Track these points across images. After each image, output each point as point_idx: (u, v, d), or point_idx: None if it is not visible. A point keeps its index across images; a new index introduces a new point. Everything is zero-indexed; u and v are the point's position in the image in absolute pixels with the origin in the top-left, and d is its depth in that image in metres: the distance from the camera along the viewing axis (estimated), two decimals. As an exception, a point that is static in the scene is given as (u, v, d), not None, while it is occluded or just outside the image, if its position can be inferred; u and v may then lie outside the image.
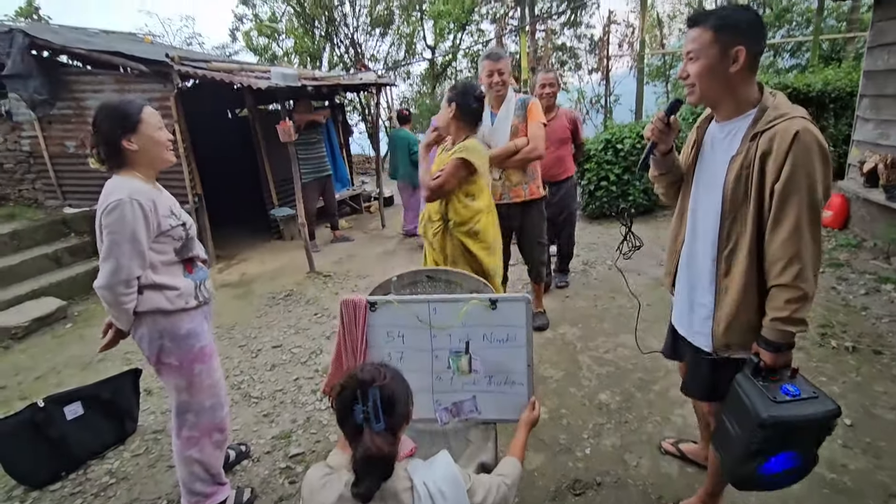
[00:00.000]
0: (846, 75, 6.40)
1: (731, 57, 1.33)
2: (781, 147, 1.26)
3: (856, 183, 4.57)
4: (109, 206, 1.63)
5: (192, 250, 1.87)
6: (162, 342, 1.79)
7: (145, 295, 1.73)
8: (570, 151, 3.85)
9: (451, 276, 1.95)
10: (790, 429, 1.27)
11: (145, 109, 1.75)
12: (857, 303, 3.41)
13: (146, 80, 5.12)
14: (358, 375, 1.13)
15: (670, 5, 17.49)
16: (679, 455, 2.20)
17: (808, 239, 1.28)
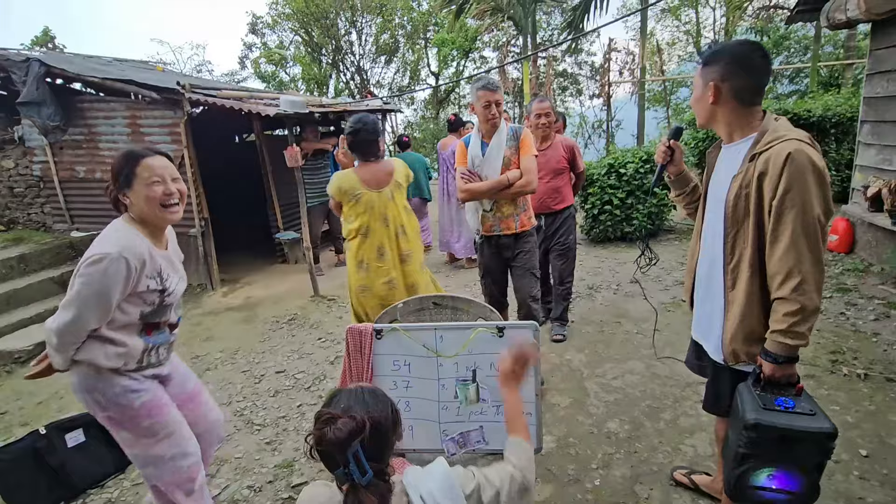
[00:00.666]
0: (846, 101, 6.48)
1: (708, 90, 1.49)
2: (776, 167, 1.34)
3: (860, 207, 4.58)
4: (94, 258, 1.51)
5: (161, 317, 1.72)
6: (94, 395, 1.63)
7: (85, 343, 1.59)
8: (567, 181, 3.62)
9: (458, 303, 1.95)
10: (778, 438, 1.29)
11: (143, 162, 1.61)
12: (867, 328, 3.37)
13: (157, 107, 5.24)
14: (329, 436, 0.97)
15: (669, 33, 17.91)
16: (692, 487, 2.15)
17: (806, 253, 1.33)
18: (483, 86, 2.75)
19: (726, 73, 1.46)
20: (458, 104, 17.92)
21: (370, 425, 0.98)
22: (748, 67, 1.45)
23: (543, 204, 3.49)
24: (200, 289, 5.57)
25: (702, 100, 1.53)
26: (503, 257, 2.98)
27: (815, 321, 1.38)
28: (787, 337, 1.36)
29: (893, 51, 4.21)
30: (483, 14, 13.05)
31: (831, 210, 1.37)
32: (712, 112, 1.53)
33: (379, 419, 1.02)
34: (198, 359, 3.85)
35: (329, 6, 13.11)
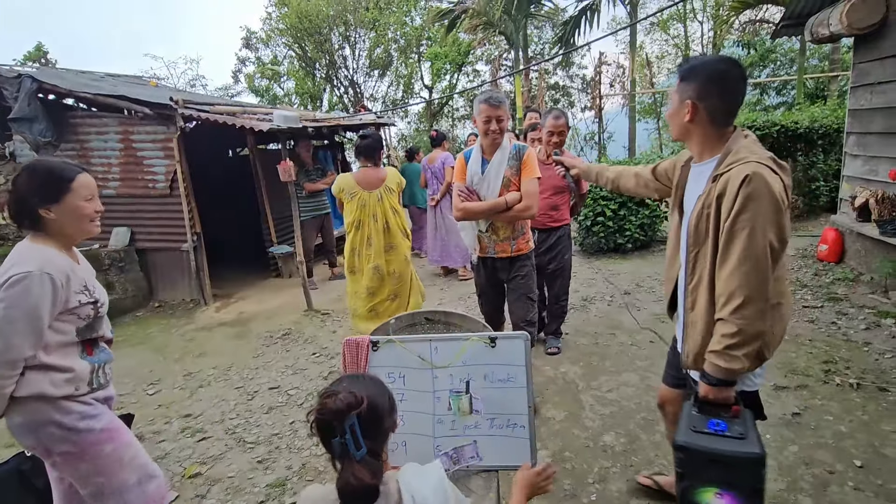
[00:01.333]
0: (832, 112, 6.61)
1: (685, 107, 1.46)
2: (733, 188, 1.34)
3: (849, 217, 4.64)
4: (14, 279, 1.42)
5: (97, 330, 1.65)
6: (48, 431, 1.52)
7: (27, 377, 1.47)
8: (566, 200, 3.50)
9: (451, 318, 1.94)
10: (708, 460, 1.31)
11: (78, 178, 1.57)
12: (858, 338, 3.39)
13: (150, 123, 5.25)
14: (330, 406, 1.04)
15: (658, 46, 18.23)
16: (657, 488, 2.17)
17: (751, 277, 1.32)
18: (485, 99, 2.59)
19: (703, 92, 1.43)
20: (451, 117, 18.08)
21: (367, 403, 1.05)
22: (725, 88, 1.43)
23: (539, 220, 3.36)
24: (193, 304, 5.53)
25: (677, 115, 1.51)
26: (498, 278, 2.90)
27: (754, 347, 1.35)
28: (722, 359, 1.36)
29: (876, 64, 4.30)
30: (475, 29, 13.23)
31: (786, 238, 1.35)
32: (687, 129, 1.51)
33: (376, 400, 1.09)
34: (190, 375, 3.80)
35: (322, 22, 13.24)
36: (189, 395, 3.49)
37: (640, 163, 6.09)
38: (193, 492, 2.47)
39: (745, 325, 1.32)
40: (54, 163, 1.61)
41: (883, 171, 4.26)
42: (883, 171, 4.26)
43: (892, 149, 4.18)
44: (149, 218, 5.49)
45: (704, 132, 1.48)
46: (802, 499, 2.10)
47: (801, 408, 2.71)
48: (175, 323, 5.06)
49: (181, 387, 3.62)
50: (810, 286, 4.34)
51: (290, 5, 13.18)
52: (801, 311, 3.90)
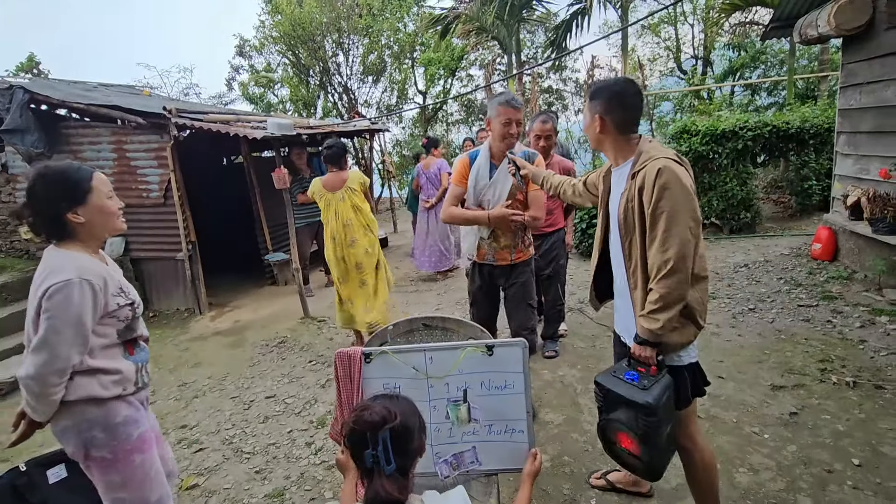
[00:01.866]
0: (822, 112, 6.66)
1: (595, 121, 1.74)
2: (649, 181, 1.57)
3: (841, 216, 4.67)
4: (54, 288, 1.42)
5: (135, 331, 1.68)
6: (92, 434, 1.54)
7: (76, 381, 1.50)
8: (560, 204, 3.44)
9: (448, 324, 1.94)
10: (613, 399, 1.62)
11: (95, 176, 1.57)
12: (853, 336, 3.41)
13: (143, 132, 5.23)
14: (366, 418, 1.10)
15: (650, 49, 18.35)
16: (610, 487, 2.26)
17: (672, 251, 1.53)
18: (506, 101, 2.51)
19: (608, 107, 1.70)
20: (445, 122, 18.11)
21: (400, 419, 1.10)
22: (624, 103, 1.70)
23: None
24: (188, 313, 5.50)
25: (590, 128, 1.78)
26: (495, 284, 2.82)
27: (674, 311, 1.56)
28: (646, 321, 1.59)
29: (864, 64, 4.35)
30: (468, 34, 13.29)
31: (698, 218, 1.59)
32: (600, 139, 1.77)
33: (408, 418, 1.14)
34: (185, 386, 3.78)
35: (316, 29, 13.25)
36: (184, 406, 3.46)
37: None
38: (191, 503, 2.45)
39: (666, 292, 1.54)
40: (66, 165, 1.57)
41: (874, 169, 4.30)
42: (874, 170, 4.29)
43: (883, 147, 4.22)
44: (143, 227, 5.46)
45: (615, 140, 1.74)
46: (802, 499, 2.10)
47: (798, 407, 2.71)
48: (170, 333, 5.03)
49: (176, 397, 3.59)
50: (805, 285, 4.36)
51: (284, 13, 13.19)
52: (796, 309, 3.92)
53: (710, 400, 2.84)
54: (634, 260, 1.69)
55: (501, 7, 11.05)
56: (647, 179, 1.58)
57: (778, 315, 3.87)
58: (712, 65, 16.14)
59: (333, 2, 13.47)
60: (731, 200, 6.21)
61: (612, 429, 1.64)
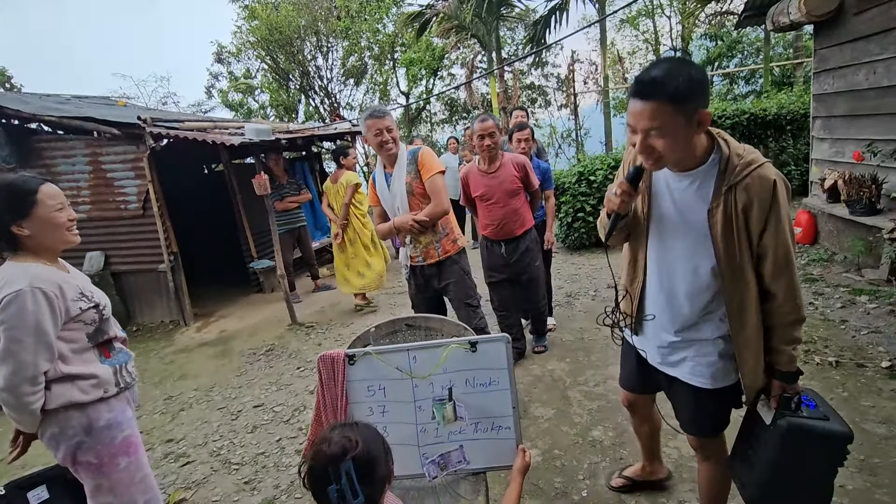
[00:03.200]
0: (798, 98, 6.78)
1: (695, 122, 1.27)
2: (764, 197, 1.30)
3: (819, 199, 4.74)
4: (7, 299, 1.42)
5: (106, 333, 1.68)
6: (77, 439, 1.57)
7: (54, 390, 1.52)
8: (524, 202, 3.29)
9: (431, 323, 1.92)
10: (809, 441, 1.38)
11: (42, 189, 1.54)
12: (835, 316, 3.46)
13: (119, 143, 5.14)
14: (325, 451, 1.04)
15: (629, 42, 18.51)
16: (630, 483, 2.19)
17: (794, 271, 1.36)
18: (368, 116, 2.60)
19: (705, 96, 1.27)
20: (430, 121, 18.09)
21: (362, 447, 1.04)
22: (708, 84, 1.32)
23: (504, 230, 3.21)
24: (173, 325, 5.41)
25: (686, 138, 1.29)
26: (432, 287, 2.85)
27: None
28: (793, 362, 1.43)
29: (836, 49, 4.42)
30: (447, 32, 13.28)
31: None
32: (691, 143, 1.32)
33: (371, 444, 1.08)
34: (171, 399, 3.71)
35: (293, 32, 13.15)
36: (171, 420, 3.40)
37: (618, 157, 6.15)
38: (178, 518, 2.40)
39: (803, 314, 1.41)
40: (12, 178, 1.56)
41: (849, 152, 4.37)
42: (849, 153, 4.37)
43: (856, 130, 4.29)
44: (123, 240, 5.36)
45: (699, 138, 1.35)
46: (789, 480, 2.11)
47: (783, 389, 2.74)
48: (154, 346, 4.94)
49: (162, 411, 3.52)
50: (787, 269, 4.41)
51: (260, 17, 13.07)
52: (779, 293, 3.96)
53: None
54: (740, 297, 1.40)
55: (479, 4, 11.06)
56: (757, 196, 1.30)
57: (762, 299, 3.92)
58: (691, 56, 16.33)
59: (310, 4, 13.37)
60: (712, 188, 6.28)
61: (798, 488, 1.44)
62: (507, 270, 3.32)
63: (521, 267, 3.31)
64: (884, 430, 2.32)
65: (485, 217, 3.27)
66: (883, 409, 2.46)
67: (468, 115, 17.69)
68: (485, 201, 3.22)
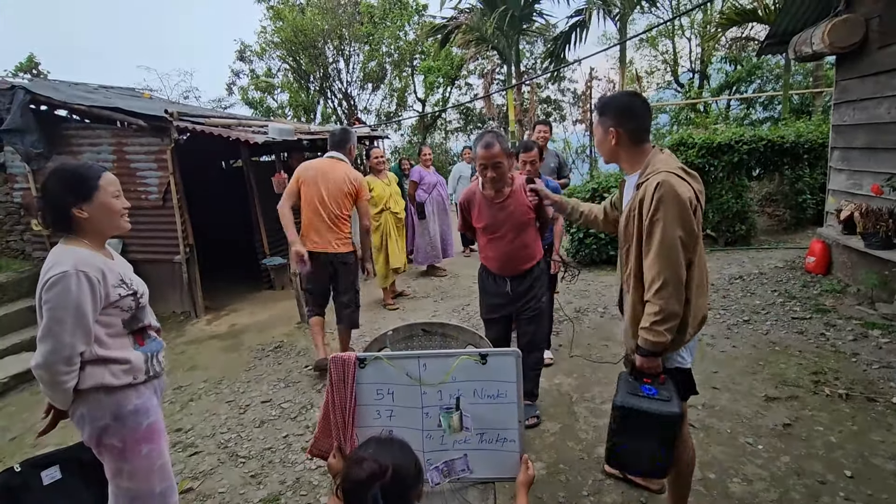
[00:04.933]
0: (816, 128, 6.76)
1: (609, 134, 1.78)
2: (648, 194, 1.63)
3: (834, 230, 4.73)
4: (51, 280, 1.50)
5: (141, 321, 1.75)
6: (104, 422, 1.63)
7: (87, 371, 1.58)
8: (535, 233, 2.81)
9: (447, 330, 1.95)
10: (636, 416, 1.62)
11: (104, 176, 1.66)
12: (846, 349, 3.44)
13: (143, 135, 5.25)
14: (354, 476, 1.07)
15: (647, 62, 18.58)
16: (622, 476, 2.35)
17: (666, 265, 1.59)
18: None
19: (619, 120, 1.75)
20: (444, 130, 18.22)
21: (392, 472, 1.06)
22: (633, 114, 1.75)
23: (510, 267, 2.76)
24: (184, 316, 5.48)
25: (604, 143, 1.82)
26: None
27: (674, 323, 1.63)
28: (650, 333, 1.63)
29: (857, 81, 4.43)
30: (468, 44, 13.43)
31: (694, 231, 1.62)
32: (615, 151, 1.81)
33: (402, 469, 1.09)
34: (181, 389, 3.76)
35: (317, 35, 13.36)
36: (179, 409, 3.45)
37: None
38: (184, 508, 2.43)
39: (665, 304, 1.60)
40: (79, 164, 1.71)
41: (867, 184, 4.36)
42: (867, 185, 4.36)
43: (875, 163, 4.29)
44: (141, 230, 5.44)
45: (628, 151, 1.79)
46: (795, 509, 2.11)
47: (791, 419, 2.73)
48: (165, 336, 4.94)
49: (171, 401, 3.57)
50: (799, 297, 4.40)
51: (286, 19, 13.30)
52: (790, 322, 3.96)
53: (704, 410, 2.86)
54: (629, 267, 1.76)
55: (502, 18, 11.18)
56: (647, 192, 1.64)
57: (772, 327, 3.91)
58: (709, 78, 16.35)
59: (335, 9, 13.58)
60: (726, 213, 6.28)
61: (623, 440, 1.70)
62: (510, 306, 2.81)
63: (525, 301, 2.79)
64: (892, 467, 2.31)
65: (488, 250, 2.79)
66: (893, 444, 2.45)
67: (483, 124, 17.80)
68: (489, 234, 2.73)
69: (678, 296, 1.61)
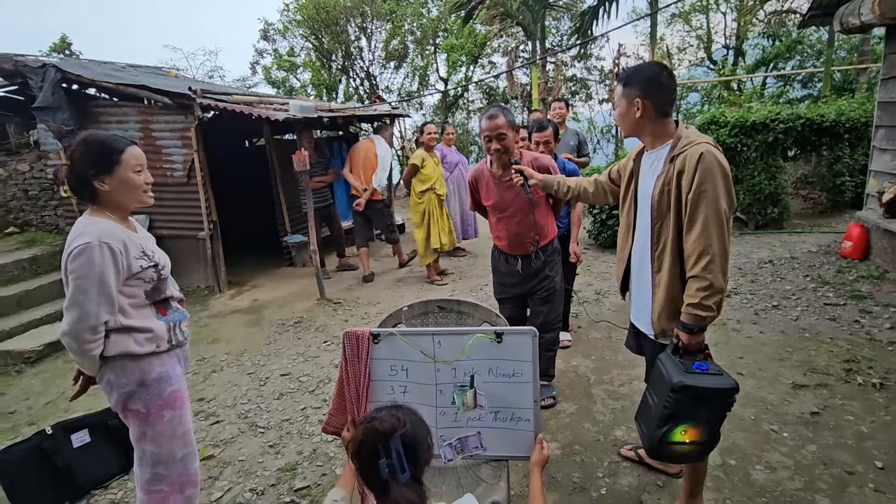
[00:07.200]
0: (860, 105, 6.37)
1: (634, 106, 1.73)
2: (690, 166, 1.59)
3: (875, 213, 4.49)
4: (76, 251, 1.53)
5: (163, 292, 1.78)
6: (130, 388, 1.67)
7: (112, 339, 1.63)
8: (548, 211, 2.74)
9: (463, 307, 1.93)
10: (696, 395, 1.52)
11: (128, 150, 1.66)
12: (882, 337, 3.29)
13: (169, 112, 5.30)
14: (377, 427, 1.08)
15: (679, 38, 17.79)
16: (637, 460, 2.32)
17: (714, 238, 1.56)
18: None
19: (647, 91, 1.71)
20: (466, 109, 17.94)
21: (410, 428, 1.09)
22: (661, 85, 1.71)
23: (521, 246, 2.69)
24: (208, 291, 5.61)
25: (628, 115, 1.77)
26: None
27: (721, 298, 1.60)
28: (699, 309, 1.58)
29: (909, 54, 4.14)
30: (492, 19, 13.07)
31: (734, 203, 1.61)
32: (639, 124, 1.77)
33: (417, 426, 1.12)
34: (204, 361, 3.86)
35: (339, 13, 13.22)
36: (203, 380, 3.54)
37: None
38: (206, 473, 2.51)
39: (714, 278, 1.56)
40: (105, 136, 1.70)
41: (913, 165, 4.11)
42: (913, 166, 4.11)
43: (924, 142, 4.03)
44: (167, 206, 5.55)
45: (654, 123, 1.75)
46: (820, 499, 2.05)
47: (820, 407, 2.64)
48: (189, 309, 5.05)
49: (195, 371, 3.67)
50: (833, 283, 4.22)
51: (308, -4, 13.18)
52: (822, 308, 3.80)
53: (727, 396, 2.79)
54: (663, 243, 1.71)
55: (527, -8, 10.81)
56: (688, 163, 1.59)
57: (803, 313, 3.76)
58: (744, 55, 15.59)
59: (357, -15, 13.39)
60: (758, 195, 6.03)
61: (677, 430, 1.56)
62: (522, 286, 2.77)
63: (538, 281, 2.75)
64: (927, 459, 2.21)
65: (498, 230, 2.76)
66: (928, 436, 2.34)
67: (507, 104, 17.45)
68: (498, 213, 2.70)
69: (725, 269, 1.58)
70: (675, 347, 1.65)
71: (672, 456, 1.64)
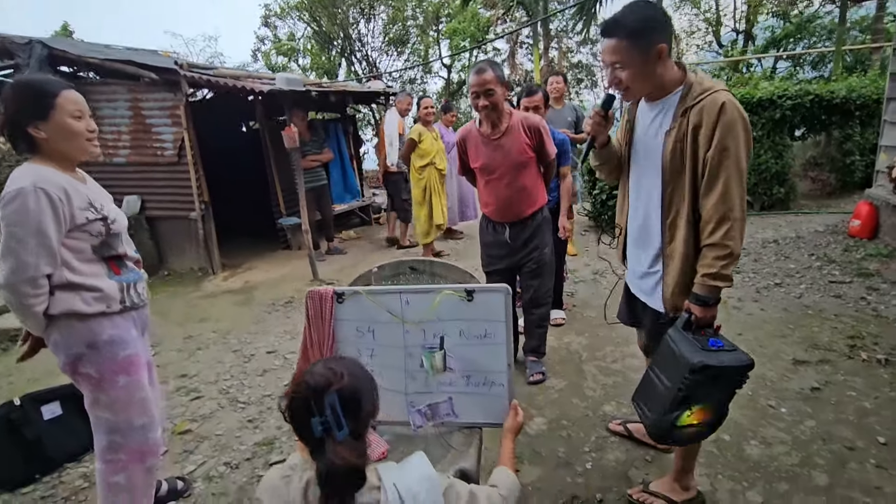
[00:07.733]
0: (872, 82, 6.16)
1: (654, 55, 1.43)
2: (710, 119, 1.38)
3: (885, 190, 4.32)
4: (8, 196, 1.42)
5: (114, 249, 1.66)
6: (77, 350, 1.57)
7: (57, 296, 1.52)
8: (536, 176, 2.63)
9: (436, 268, 1.82)
10: (715, 375, 1.37)
11: (63, 94, 1.51)
12: (889, 314, 3.15)
13: (158, 90, 5.20)
14: (309, 381, 0.99)
15: (687, 21, 17.43)
16: (626, 434, 2.22)
17: (737, 202, 1.39)
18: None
19: (662, 32, 1.44)
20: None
21: (347, 380, 1.00)
22: (665, 17, 1.49)
23: (509, 212, 2.61)
24: (202, 272, 5.54)
25: (647, 66, 1.45)
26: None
27: (736, 264, 1.45)
28: (718, 280, 1.42)
29: (923, 21, 3.93)
30: (494, 2, 12.84)
31: (750, 157, 1.43)
32: (655, 76, 1.47)
33: (356, 378, 1.03)
34: (190, 338, 3.79)
35: (339, -4, 13.07)
36: (187, 357, 3.47)
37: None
38: (182, 447, 2.44)
39: (734, 245, 1.40)
40: (37, 78, 1.57)
41: (926, 138, 3.93)
42: (926, 139, 3.93)
43: (938, 113, 3.85)
44: (158, 186, 5.48)
45: (666, 69, 1.48)
46: (817, 474, 1.93)
47: (821, 382, 2.52)
48: (182, 290, 5.07)
49: (180, 349, 3.61)
50: (839, 262, 4.06)
51: (307, -21, 13.01)
52: (827, 286, 3.66)
53: (723, 371, 2.67)
54: (675, 210, 1.51)
55: (530, -29, 10.57)
56: (705, 116, 1.38)
57: (806, 290, 3.62)
58: (754, 39, 15.24)
59: (357, -33, 13.18)
60: (763, 174, 5.85)
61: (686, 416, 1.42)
62: (510, 258, 2.68)
63: (527, 252, 2.66)
64: (933, 434, 2.08)
65: (486, 194, 2.65)
66: (934, 411, 2.22)
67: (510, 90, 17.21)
68: (486, 175, 2.59)
69: (743, 234, 1.43)
70: (687, 322, 1.47)
71: (680, 439, 1.49)
